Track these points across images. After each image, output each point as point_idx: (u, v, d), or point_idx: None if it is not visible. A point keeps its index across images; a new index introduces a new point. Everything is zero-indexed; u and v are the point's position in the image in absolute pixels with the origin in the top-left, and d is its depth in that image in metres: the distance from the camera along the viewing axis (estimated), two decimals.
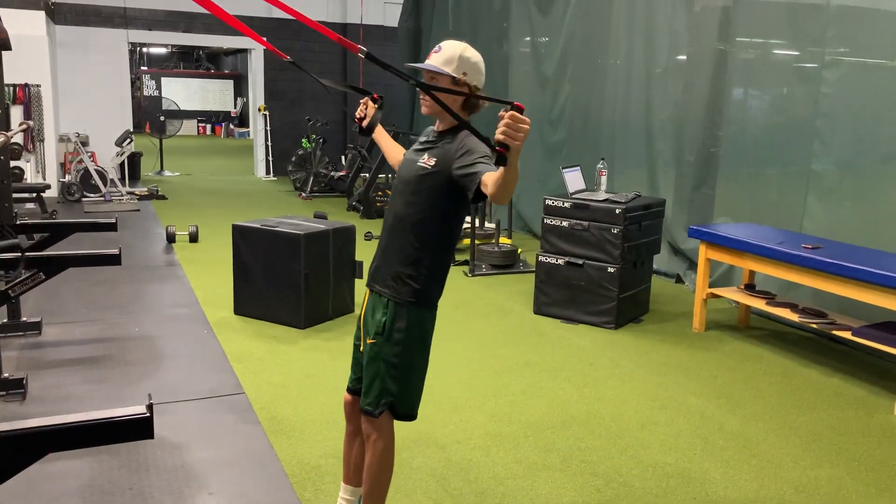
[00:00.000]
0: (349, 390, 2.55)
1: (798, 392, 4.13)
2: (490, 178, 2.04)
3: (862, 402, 4.02)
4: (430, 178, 2.26)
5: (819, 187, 5.20)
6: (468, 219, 7.59)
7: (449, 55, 2.26)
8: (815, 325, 4.49)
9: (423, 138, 2.41)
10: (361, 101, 2.59)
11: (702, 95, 6.22)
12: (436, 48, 2.30)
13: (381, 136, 2.70)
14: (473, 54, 2.29)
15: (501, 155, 1.81)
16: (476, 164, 2.14)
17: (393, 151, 2.70)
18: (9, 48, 4.28)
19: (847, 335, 4.27)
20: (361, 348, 2.44)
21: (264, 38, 2.34)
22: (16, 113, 9.66)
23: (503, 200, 2.04)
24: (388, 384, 2.34)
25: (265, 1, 2.25)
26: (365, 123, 2.58)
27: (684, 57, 6.47)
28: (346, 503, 2.62)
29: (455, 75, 2.25)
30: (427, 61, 2.29)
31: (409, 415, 2.42)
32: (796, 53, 5.53)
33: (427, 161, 2.28)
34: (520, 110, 1.75)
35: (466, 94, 2.20)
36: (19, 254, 3.95)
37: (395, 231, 2.33)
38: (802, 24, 5.34)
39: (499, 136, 1.76)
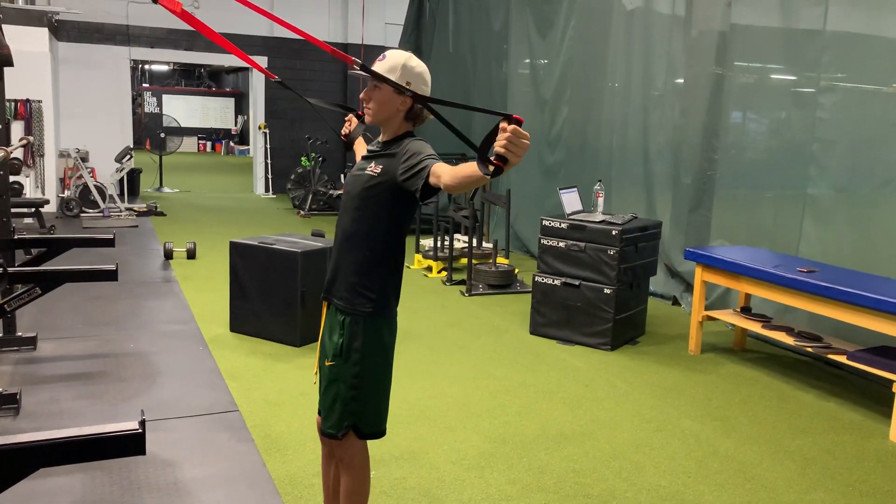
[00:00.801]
0: (319, 413, 2.47)
1: (793, 416, 4.13)
2: (446, 171, 2.02)
3: (857, 426, 4.01)
4: (377, 187, 2.23)
5: (815, 211, 5.22)
6: (465, 238, 7.61)
7: (392, 63, 2.23)
8: (810, 349, 4.49)
9: (369, 148, 2.40)
10: (346, 118, 2.76)
11: (699, 119, 6.26)
12: (380, 56, 2.27)
13: (357, 146, 2.75)
14: (417, 63, 2.27)
15: (499, 168, 1.75)
16: (422, 162, 2.12)
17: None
18: (11, 64, 4.31)
19: (842, 359, 4.28)
20: (317, 369, 2.42)
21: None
22: (17, 128, 9.70)
23: (457, 192, 2.05)
24: (350, 405, 2.29)
25: (266, 17, 2.29)
26: (355, 139, 2.76)
27: (682, 80, 6.52)
28: None
29: (399, 82, 2.20)
30: (374, 66, 2.25)
31: (376, 433, 2.37)
32: (793, 78, 5.58)
33: (374, 168, 2.26)
34: (519, 123, 1.71)
35: (429, 101, 2.13)
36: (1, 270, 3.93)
37: (346, 246, 2.31)
38: (798, 49, 5.39)
39: (499, 149, 1.72)
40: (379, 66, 2.24)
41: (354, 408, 2.30)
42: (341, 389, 2.30)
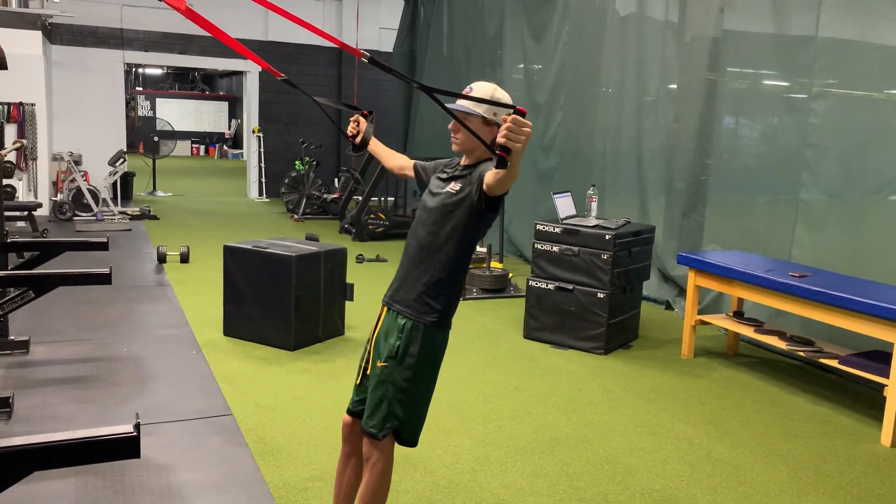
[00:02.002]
0: (349, 412, 2.55)
1: (785, 420, 4.14)
2: (489, 174, 2.14)
3: (849, 430, 4.03)
4: (454, 205, 2.34)
5: (807, 216, 5.25)
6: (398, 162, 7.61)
7: (480, 96, 2.32)
8: (802, 353, 4.51)
9: (447, 170, 2.48)
10: (352, 118, 2.67)
11: (692, 124, 6.29)
12: (467, 88, 2.36)
13: (375, 146, 2.80)
14: (503, 95, 2.36)
15: (502, 158, 1.90)
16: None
17: (391, 157, 2.79)
18: (5, 67, 4.30)
19: (834, 363, 4.30)
20: (368, 371, 2.45)
21: (262, 60, 2.38)
22: (10, 131, 9.68)
23: (500, 191, 2.17)
24: (396, 408, 2.36)
25: (275, 11, 2.30)
26: (358, 139, 2.65)
27: (675, 86, 6.55)
28: None
29: (486, 115, 2.32)
30: (459, 102, 2.34)
31: (412, 440, 2.44)
32: (785, 84, 5.61)
33: (453, 187, 2.37)
34: (522, 114, 1.83)
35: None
36: None
37: (418, 257, 2.40)
38: (791, 56, 5.43)
39: (500, 139, 1.85)
40: (467, 100, 2.31)
41: (399, 411, 2.37)
42: (390, 391, 2.36)
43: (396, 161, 2.78)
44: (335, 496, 2.62)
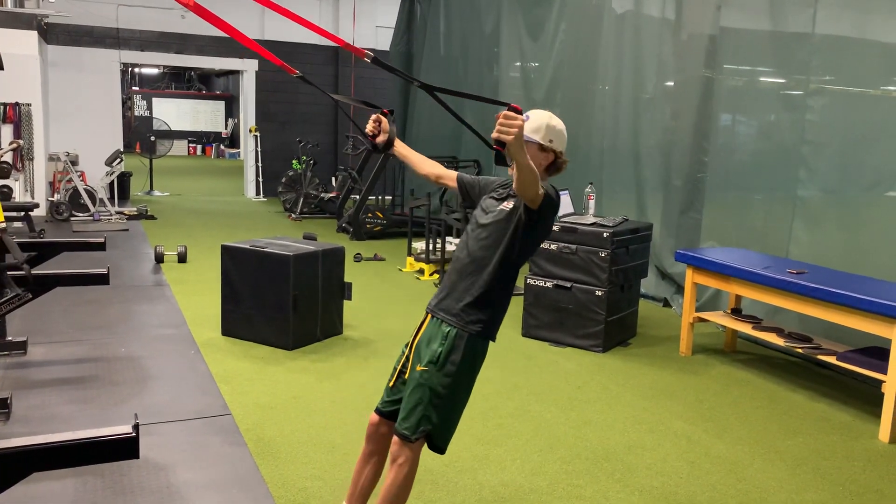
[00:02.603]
0: (378, 412, 2.58)
1: (784, 416, 4.15)
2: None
3: (847, 426, 4.04)
4: (506, 221, 2.40)
5: (805, 213, 5.26)
6: (457, 240, 7.61)
7: (537, 124, 2.43)
8: (800, 350, 4.52)
9: (501, 189, 2.54)
10: (372, 117, 2.60)
11: (689, 121, 6.29)
12: (524, 116, 2.38)
13: (402, 148, 2.75)
14: (558, 122, 2.47)
15: (499, 153, 2.00)
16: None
17: (423, 162, 2.76)
18: (1, 68, 4.29)
19: (832, 360, 4.31)
20: (406, 374, 2.49)
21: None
22: (6, 132, 9.66)
23: (525, 194, 2.24)
24: (431, 413, 2.40)
25: (277, 12, 2.31)
26: (381, 139, 2.60)
27: (672, 84, 6.56)
28: None
29: (542, 142, 2.43)
30: None
31: (441, 447, 2.48)
32: (782, 81, 5.61)
33: (506, 205, 2.44)
34: (516, 111, 1.95)
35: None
36: None
37: (467, 270, 2.44)
38: (788, 53, 5.43)
39: (494, 134, 1.96)
40: (524, 127, 2.32)
41: (434, 416, 2.41)
42: (427, 395, 2.40)
43: (432, 169, 2.74)
44: (350, 491, 2.63)
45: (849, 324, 4.07)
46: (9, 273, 3.95)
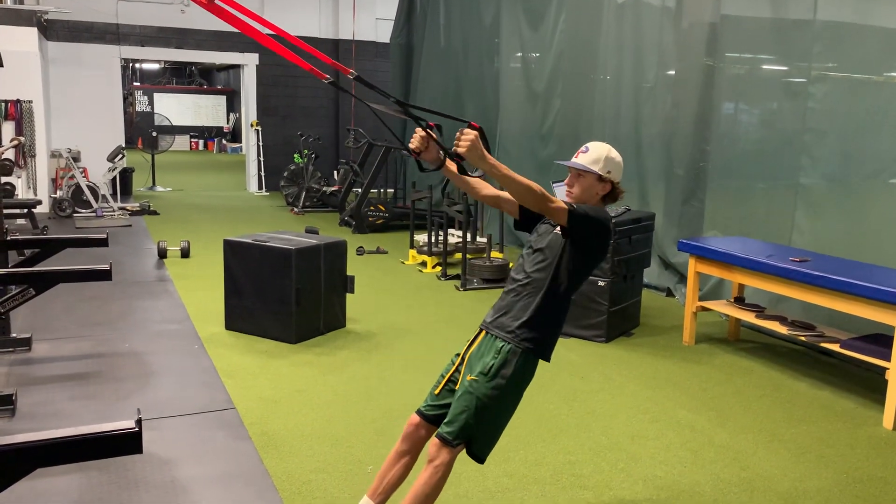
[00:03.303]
0: (420, 414, 2.62)
1: (787, 405, 4.15)
2: None
3: (850, 414, 4.04)
4: (557, 245, 2.48)
5: (807, 201, 5.25)
6: (459, 233, 7.62)
7: (596, 156, 2.53)
8: (803, 338, 4.52)
9: None
10: (418, 132, 2.44)
11: (690, 110, 6.27)
12: (583, 148, 2.57)
13: (453, 167, 2.54)
14: (616, 155, 2.56)
15: (459, 165, 2.37)
16: (572, 202, 2.47)
17: (483, 185, 2.67)
18: (1, 65, 4.29)
19: (835, 347, 4.30)
20: (458, 384, 2.53)
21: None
22: (7, 129, 9.67)
23: (518, 199, 2.40)
24: (474, 421, 2.45)
25: (269, 29, 2.33)
26: (430, 156, 2.45)
27: (673, 72, 6.53)
28: None
29: (601, 173, 2.52)
30: (574, 159, 2.54)
31: (480, 456, 2.52)
32: (784, 69, 5.59)
33: (558, 229, 2.50)
34: (472, 128, 2.24)
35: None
36: None
37: (525, 291, 2.51)
38: (789, 40, 5.40)
39: (454, 148, 2.27)
40: (583, 158, 2.54)
41: (477, 424, 2.46)
42: (473, 404, 2.45)
43: (491, 191, 2.69)
44: (374, 485, 2.64)
45: (852, 311, 4.07)
46: (16, 269, 3.96)
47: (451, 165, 2.57)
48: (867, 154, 4.91)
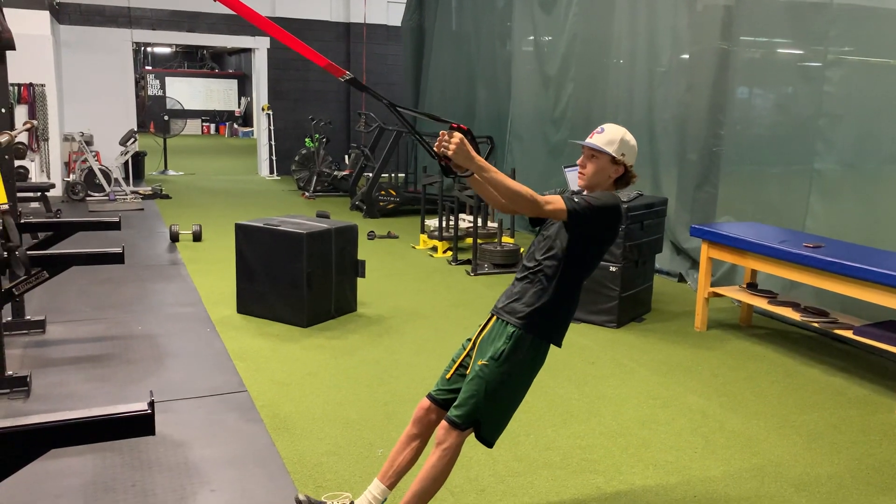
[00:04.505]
0: (430, 398, 2.63)
1: (799, 391, 4.13)
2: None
3: (863, 401, 4.02)
4: (568, 232, 2.45)
5: (821, 186, 5.20)
6: (470, 218, 7.60)
7: (611, 137, 2.52)
8: (816, 325, 4.49)
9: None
10: (442, 135, 2.28)
11: (704, 94, 6.21)
12: (598, 129, 2.56)
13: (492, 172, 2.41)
14: (631, 138, 2.55)
15: (446, 166, 2.34)
16: (573, 196, 2.42)
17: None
18: (13, 48, 4.29)
19: (849, 334, 4.28)
20: (469, 369, 2.54)
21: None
22: (20, 112, 9.70)
23: (510, 203, 2.39)
24: (484, 405, 2.45)
25: (270, 35, 2.29)
26: (457, 162, 2.28)
27: (687, 56, 6.47)
28: (374, 501, 2.61)
29: (615, 155, 2.51)
30: (589, 139, 2.53)
31: (489, 440, 2.53)
32: (799, 52, 5.52)
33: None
34: (461, 130, 2.29)
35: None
36: None
37: (535, 278, 2.50)
38: (805, 23, 5.34)
39: (437, 149, 2.28)
40: (598, 139, 2.53)
41: (486, 408, 2.46)
42: (482, 388, 2.46)
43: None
44: (385, 468, 2.65)
45: (866, 298, 4.04)
46: (30, 252, 3.99)
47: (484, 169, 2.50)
48: (883, 139, 4.85)
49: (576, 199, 2.39)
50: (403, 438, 2.66)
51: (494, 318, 2.58)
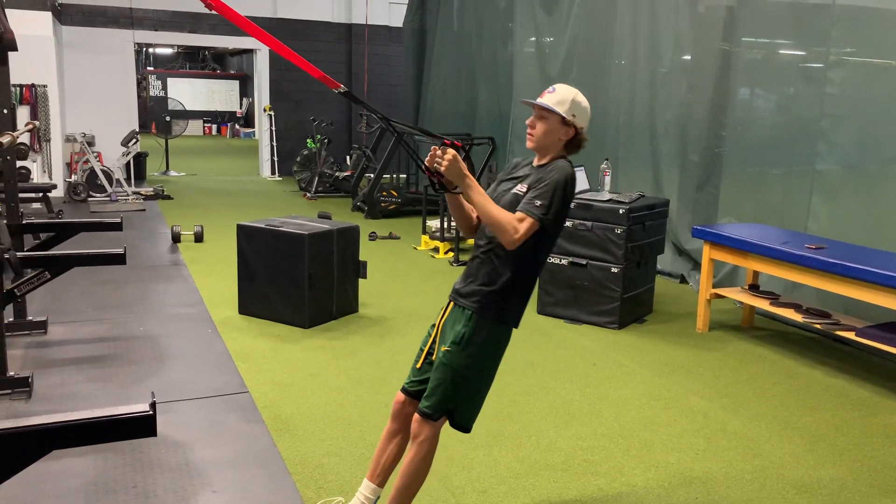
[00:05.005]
0: (403, 390, 2.61)
1: (801, 393, 4.13)
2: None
3: (865, 402, 4.01)
4: (517, 205, 2.37)
5: (823, 188, 5.19)
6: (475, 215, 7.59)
7: (562, 97, 2.42)
8: (818, 326, 4.48)
9: (518, 171, 2.52)
10: (434, 150, 2.29)
11: (706, 95, 6.21)
12: (550, 88, 2.46)
13: (478, 195, 2.36)
14: (583, 99, 2.45)
15: (441, 183, 2.31)
16: (534, 199, 2.32)
17: (470, 214, 2.54)
18: (15, 49, 4.30)
19: (851, 335, 4.27)
20: (434, 356, 2.51)
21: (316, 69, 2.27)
22: (22, 113, 9.70)
23: (489, 228, 2.32)
24: (452, 392, 2.42)
25: (274, 51, 2.28)
26: (453, 178, 2.28)
27: (689, 57, 6.46)
28: (366, 501, 2.62)
29: (566, 116, 2.41)
30: (540, 99, 2.43)
31: (464, 426, 2.50)
32: (801, 53, 5.52)
33: (520, 188, 2.43)
34: (455, 146, 2.25)
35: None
36: None
37: (488, 253, 2.44)
38: (807, 24, 5.33)
39: (427, 162, 2.26)
40: (549, 98, 2.43)
41: (456, 395, 2.43)
42: (449, 375, 2.42)
43: (473, 223, 2.58)
44: (372, 468, 2.65)
45: (868, 299, 4.03)
46: (32, 253, 3.99)
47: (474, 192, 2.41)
48: (885, 140, 4.85)
49: (537, 204, 2.29)
50: (385, 435, 2.64)
51: (451, 303, 2.52)
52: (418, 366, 2.59)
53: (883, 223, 4.82)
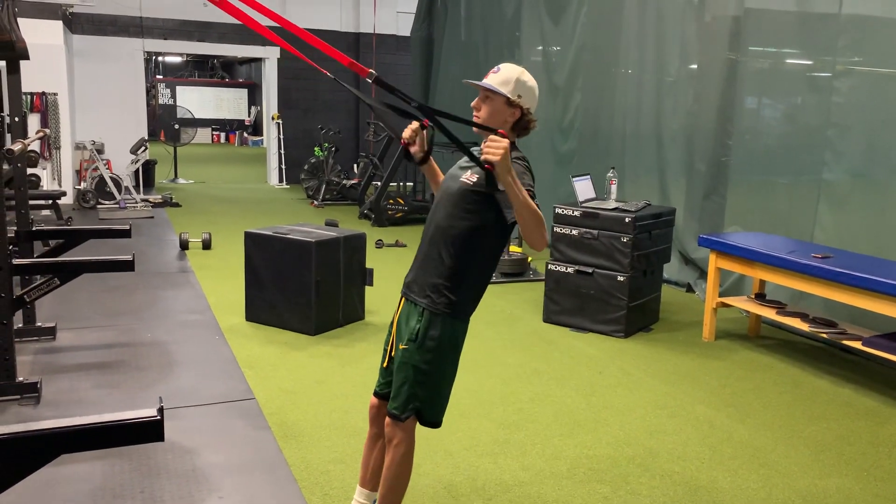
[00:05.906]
0: (375, 394, 2.59)
1: (808, 402, 4.12)
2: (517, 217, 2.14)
3: (872, 412, 4.00)
4: (472, 194, 2.31)
5: (830, 197, 5.19)
6: None
7: (506, 77, 2.31)
8: (825, 335, 4.47)
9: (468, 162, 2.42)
10: (411, 125, 2.37)
11: (713, 104, 6.22)
12: (494, 69, 2.36)
13: (433, 167, 2.55)
14: (529, 79, 2.35)
15: (489, 172, 2.04)
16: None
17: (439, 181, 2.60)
18: (27, 57, 4.35)
19: (858, 345, 4.26)
20: (392, 353, 2.48)
21: (275, 47, 2.34)
22: (33, 121, 9.78)
23: (532, 242, 2.16)
24: (417, 390, 2.38)
25: (271, 41, 2.30)
26: (416, 149, 2.38)
27: (695, 66, 6.48)
28: None
29: (510, 96, 2.30)
30: (484, 80, 2.33)
31: (434, 422, 2.46)
32: (807, 63, 5.53)
33: (469, 177, 2.34)
34: (501, 136, 2.03)
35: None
36: None
37: (435, 242, 2.37)
38: (813, 34, 5.34)
39: (483, 156, 2.02)
40: (493, 78, 2.33)
41: (421, 393, 2.39)
42: (411, 373, 2.38)
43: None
44: (361, 475, 2.65)
45: (875, 308, 4.02)
46: (41, 260, 4.02)
47: (433, 164, 2.52)
48: (891, 149, 4.84)
49: (528, 186, 2.18)
50: (368, 440, 2.64)
51: (403, 298, 2.47)
52: (384, 365, 2.55)
53: (890, 233, 4.81)
